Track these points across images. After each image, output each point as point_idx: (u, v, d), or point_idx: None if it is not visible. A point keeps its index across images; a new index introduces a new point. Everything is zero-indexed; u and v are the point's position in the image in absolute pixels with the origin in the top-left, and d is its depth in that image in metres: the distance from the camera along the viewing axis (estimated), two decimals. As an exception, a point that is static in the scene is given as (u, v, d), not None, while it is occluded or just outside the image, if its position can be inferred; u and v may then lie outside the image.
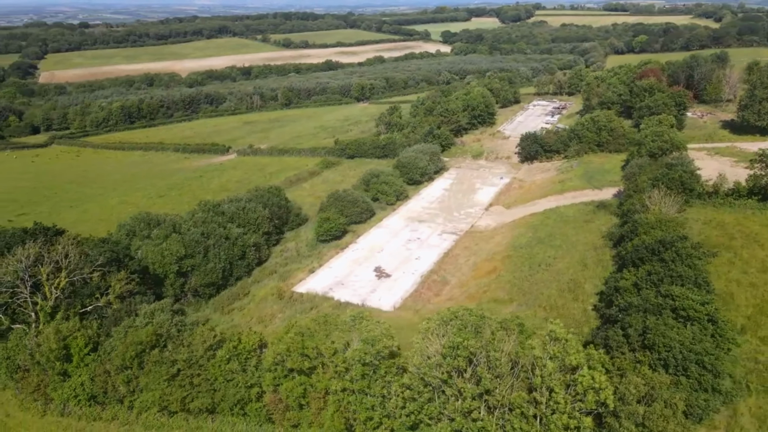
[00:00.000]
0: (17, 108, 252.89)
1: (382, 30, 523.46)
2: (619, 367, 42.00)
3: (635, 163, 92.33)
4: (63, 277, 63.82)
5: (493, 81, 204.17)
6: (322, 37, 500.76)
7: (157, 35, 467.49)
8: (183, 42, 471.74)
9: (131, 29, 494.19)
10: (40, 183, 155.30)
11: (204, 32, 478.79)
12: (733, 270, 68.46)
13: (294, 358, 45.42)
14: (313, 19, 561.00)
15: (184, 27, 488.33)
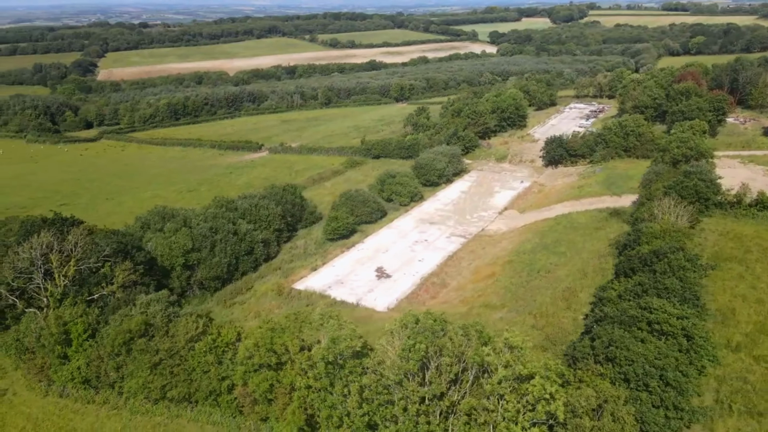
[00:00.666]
0: (74, 104, 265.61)
1: (429, 30, 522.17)
2: (581, 379, 41.16)
3: (653, 169, 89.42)
4: (72, 266, 67.42)
5: (530, 83, 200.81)
6: (368, 37, 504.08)
7: (210, 35, 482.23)
8: (234, 41, 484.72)
9: (186, 29, 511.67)
10: (84, 175, 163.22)
11: (254, 32, 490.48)
12: (741, 284, 65.56)
13: (261, 354, 46.67)
14: (361, 19, 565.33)
15: (235, 27, 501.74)
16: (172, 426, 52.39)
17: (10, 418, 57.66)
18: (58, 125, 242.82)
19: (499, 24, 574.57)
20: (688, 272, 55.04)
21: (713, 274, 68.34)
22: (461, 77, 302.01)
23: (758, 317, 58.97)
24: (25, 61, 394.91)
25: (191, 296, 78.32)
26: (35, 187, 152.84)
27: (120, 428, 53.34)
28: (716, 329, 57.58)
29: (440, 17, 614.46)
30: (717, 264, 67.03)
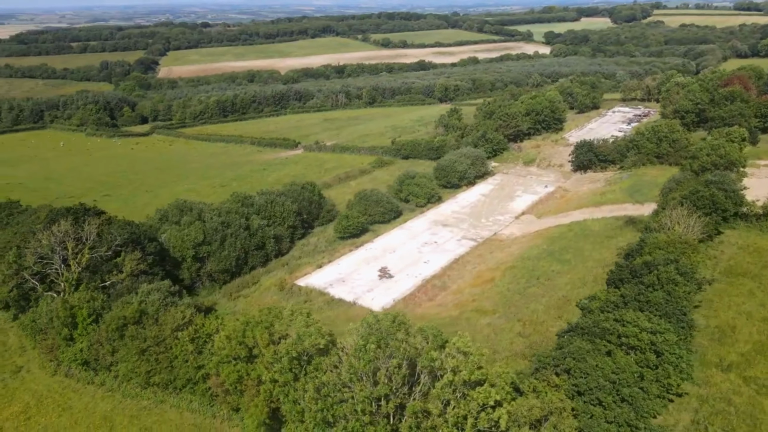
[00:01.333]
0: (132, 100, 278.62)
1: (483, 30, 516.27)
2: (535, 389, 40.52)
3: (674, 177, 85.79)
4: (85, 253, 71.53)
5: (574, 85, 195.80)
6: (421, 37, 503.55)
7: (266, 34, 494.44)
8: (288, 41, 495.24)
9: (244, 29, 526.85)
10: (130, 168, 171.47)
11: (309, 32, 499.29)
12: (749, 301, 62.41)
13: (233, 346, 48.31)
14: (415, 19, 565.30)
15: (291, 27, 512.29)
16: (155, 410, 54.92)
17: (19, 394, 61.75)
18: (116, 120, 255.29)
19: (557, 24, 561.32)
20: (679, 286, 52.84)
21: (721, 289, 65.40)
22: (508, 78, 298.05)
23: (760, 336, 56.03)
24: (94, 58, 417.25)
25: (200, 288, 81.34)
26: (86, 177, 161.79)
27: (110, 409, 56.34)
28: (711, 347, 55.22)
29: (495, 17, 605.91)
30: (717, 279, 63.93)
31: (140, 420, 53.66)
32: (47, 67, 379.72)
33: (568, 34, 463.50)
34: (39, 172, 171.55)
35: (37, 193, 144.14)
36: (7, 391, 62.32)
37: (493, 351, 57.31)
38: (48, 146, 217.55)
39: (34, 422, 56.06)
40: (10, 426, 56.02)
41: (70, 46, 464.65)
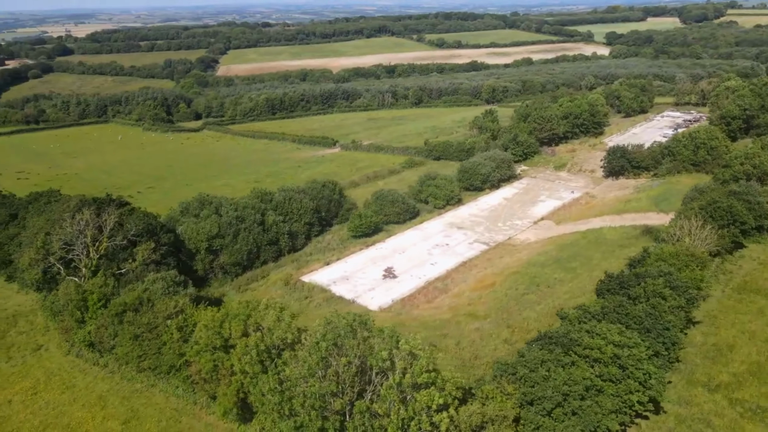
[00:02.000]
0: (189, 96, 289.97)
1: (542, 31, 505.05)
2: (487, 395, 40.18)
3: (698, 186, 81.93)
4: (104, 241, 75.82)
5: (622, 88, 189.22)
6: (476, 37, 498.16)
7: (323, 34, 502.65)
8: (344, 41, 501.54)
9: (301, 28, 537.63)
10: (176, 162, 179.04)
11: (364, 31, 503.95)
12: (757, 320, 59.28)
13: (209, 335, 50.26)
14: (472, 19, 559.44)
15: (347, 26, 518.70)
16: (146, 394, 57.70)
17: (33, 370, 66.13)
18: (172, 115, 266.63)
19: (620, 24, 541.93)
20: (668, 300, 50.74)
21: (729, 305, 62.32)
22: (560, 80, 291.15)
23: (758, 357, 53.18)
24: (160, 56, 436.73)
25: (213, 279, 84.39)
26: (136, 170, 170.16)
27: (107, 389, 59.61)
28: (702, 365, 52.87)
29: (555, 17, 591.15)
30: (728, 294, 60.76)
31: (130, 402, 56.56)
32: (116, 64, 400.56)
33: (631, 34, 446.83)
34: (95, 164, 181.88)
35: (89, 183, 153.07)
36: (24, 367, 66.84)
37: (475, 356, 56.99)
38: (108, 139, 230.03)
39: (39, 397, 59.98)
40: (18, 400, 60.18)
41: (139, 45, 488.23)
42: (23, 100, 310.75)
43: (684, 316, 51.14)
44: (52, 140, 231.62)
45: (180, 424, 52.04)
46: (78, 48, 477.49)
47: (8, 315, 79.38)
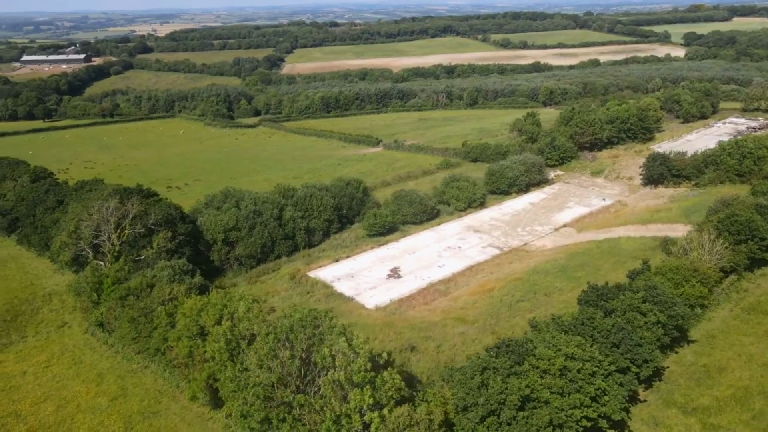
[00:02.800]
0: (250, 94, 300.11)
1: (614, 31, 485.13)
2: (427, 399, 40.10)
3: (725, 198, 77.12)
4: (126, 229, 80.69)
5: (683, 92, 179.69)
6: (544, 37, 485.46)
7: (387, 33, 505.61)
8: (408, 40, 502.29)
9: (366, 28, 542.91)
10: (227, 157, 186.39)
11: (429, 31, 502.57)
12: (759, 343, 55.86)
13: (187, 323, 52.76)
14: (541, 19, 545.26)
15: (412, 26, 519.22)
16: (139, 374, 61.15)
17: (52, 345, 71.21)
18: (232, 112, 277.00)
19: (702, 24, 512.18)
20: (649, 315, 48.45)
21: (734, 326, 58.76)
22: (625, 83, 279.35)
23: (749, 382, 49.98)
24: (230, 55, 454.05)
25: (228, 270, 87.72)
26: (189, 163, 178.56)
27: (107, 367, 63.57)
28: (686, 386, 50.37)
29: (631, 17, 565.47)
30: (736, 314, 57.29)
31: (124, 380, 60.13)
32: (189, 62, 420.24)
33: (712, 35, 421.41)
34: (153, 156, 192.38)
35: (143, 174, 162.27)
36: (46, 342, 72.20)
37: (452, 360, 56.56)
38: (170, 133, 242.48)
39: (49, 371, 64.74)
40: (32, 371, 65.16)
41: (212, 44, 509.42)
42: (102, 95, 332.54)
43: (662, 332, 48.52)
44: (121, 133, 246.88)
45: (159, 404, 54.92)
46: (157, 46, 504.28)
47: (45, 293, 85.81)
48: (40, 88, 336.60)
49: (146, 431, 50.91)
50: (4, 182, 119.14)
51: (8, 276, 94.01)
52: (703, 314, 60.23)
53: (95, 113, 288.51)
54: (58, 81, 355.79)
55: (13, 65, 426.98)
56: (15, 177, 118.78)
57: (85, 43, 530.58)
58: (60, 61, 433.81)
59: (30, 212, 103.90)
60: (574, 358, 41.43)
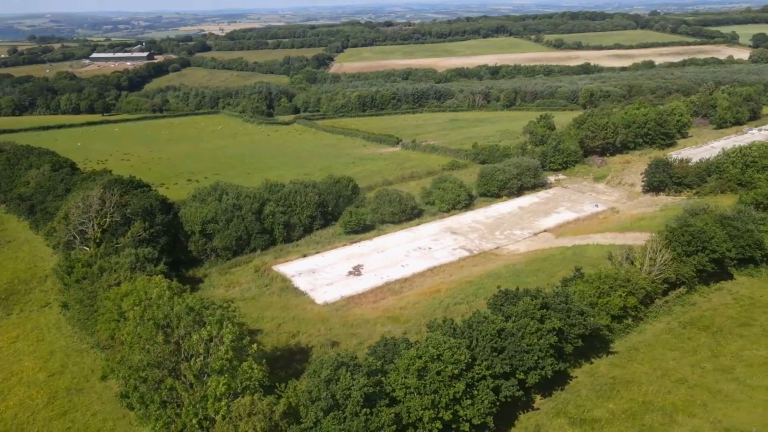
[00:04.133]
0: (292, 92, 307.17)
1: (678, 31, 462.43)
2: (280, 394, 41.13)
3: (692, 208, 73.33)
4: (106, 218, 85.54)
5: (721, 96, 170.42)
6: (601, 37, 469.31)
7: (438, 33, 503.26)
8: (459, 40, 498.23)
9: (417, 28, 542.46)
10: (252, 152, 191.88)
11: (481, 31, 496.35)
12: (683, 358, 53.73)
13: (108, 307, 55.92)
14: (600, 18, 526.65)
15: (464, 26, 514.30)
16: (84, 353, 64.77)
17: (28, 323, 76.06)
18: (272, 109, 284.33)
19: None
20: (546, 322, 47.30)
21: (663, 340, 56.51)
22: (675, 86, 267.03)
23: (652, 397, 48.15)
24: (283, 53, 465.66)
25: (206, 260, 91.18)
26: (216, 158, 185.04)
27: (62, 345, 67.63)
28: (587, 397, 49.05)
29: (698, 17, 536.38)
30: (673, 329, 55.10)
31: (68, 359, 64.13)
32: (242, 60, 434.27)
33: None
34: (187, 150, 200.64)
35: (170, 167, 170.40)
36: (25, 320, 77.48)
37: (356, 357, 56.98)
38: (210, 129, 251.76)
39: (14, 346, 69.55)
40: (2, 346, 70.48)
41: (267, 43, 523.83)
42: (157, 91, 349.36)
43: (555, 339, 46.97)
44: (166, 128, 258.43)
45: (87, 383, 58.36)
46: (215, 45, 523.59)
47: (43, 275, 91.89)
48: (102, 84, 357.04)
49: (65, 406, 54.33)
50: (29, 170, 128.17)
51: (18, 257, 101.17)
52: (635, 326, 57.95)
53: (146, 108, 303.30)
54: (119, 77, 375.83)
55: (82, 62, 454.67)
56: (39, 166, 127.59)
57: (151, 42, 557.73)
58: (125, 59, 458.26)
59: (43, 199, 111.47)
60: (440, 360, 41.19)
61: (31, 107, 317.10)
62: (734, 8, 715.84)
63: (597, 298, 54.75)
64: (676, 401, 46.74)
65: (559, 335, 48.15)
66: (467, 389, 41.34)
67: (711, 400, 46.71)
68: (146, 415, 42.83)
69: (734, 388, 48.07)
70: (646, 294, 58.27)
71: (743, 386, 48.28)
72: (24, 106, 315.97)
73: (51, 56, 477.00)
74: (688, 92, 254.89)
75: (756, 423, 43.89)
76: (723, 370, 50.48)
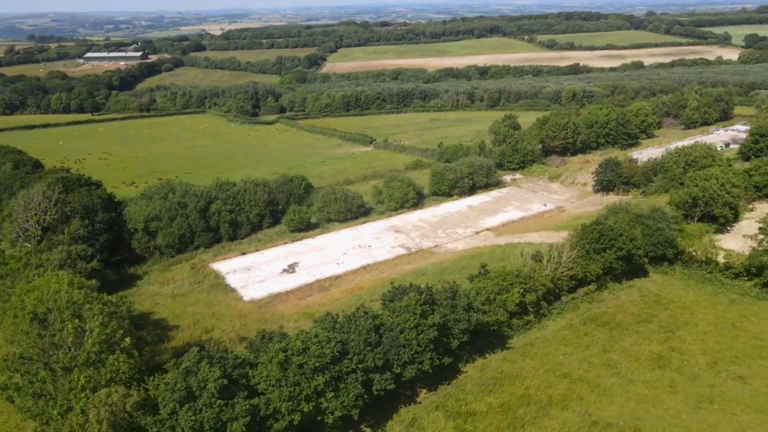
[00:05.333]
0: (279, 91, 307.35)
1: (671, 32, 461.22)
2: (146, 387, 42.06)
3: (615, 206, 73.82)
4: (48, 215, 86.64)
5: (691, 97, 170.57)
6: (594, 38, 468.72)
7: (432, 33, 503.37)
8: (453, 40, 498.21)
9: (411, 28, 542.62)
10: (227, 151, 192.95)
11: (475, 31, 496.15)
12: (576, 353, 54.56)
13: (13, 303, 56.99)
14: (595, 19, 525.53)
15: (458, 26, 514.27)
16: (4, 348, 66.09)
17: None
18: (258, 108, 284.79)
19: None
20: (429, 318, 47.99)
21: (560, 336, 57.31)
22: (659, 86, 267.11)
23: (532, 391, 49.48)
24: (276, 53, 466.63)
25: (149, 258, 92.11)
26: (191, 157, 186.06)
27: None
28: (470, 391, 49.54)
29: (692, 17, 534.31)
30: (574, 324, 55.75)
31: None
32: (234, 60, 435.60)
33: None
34: (165, 150, 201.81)
35: (144, 166, 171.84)
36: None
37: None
38: (193, 128, 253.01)
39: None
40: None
41: (261, 43, 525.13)
42: (147, 90, 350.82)
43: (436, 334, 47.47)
44: (151, 127, 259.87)
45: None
46: (209, 45, 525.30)
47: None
48: (93, 83, 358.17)
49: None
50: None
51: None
52: (536, 322, 58.56)
53: (134, 108, 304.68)
54: (111, 77, 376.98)
55: (76, 62, 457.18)
56: (2, 164, 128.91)
57: (147, 42, 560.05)
58: (119, 58, 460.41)
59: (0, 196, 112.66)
60: (306, 353, 41.97)
61: (22, 106, 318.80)
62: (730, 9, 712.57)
63: (496, 295, 55.35)
64: (554, 395, 47.35)
65: (443, 330, 48.86)
66: (332, 382, 42.10)
67: (588, 394, 47.30)
68: (23, 408, 43.78)
69: (614, 382, 48.66)
70: (548, 291, 58.84)
71: (623, 380, 48.84)
72: (15, 105, 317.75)
73: (46, 56, 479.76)
74: (671, 92, 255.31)
75: (626, 416, 44.45)
76: (609, 365, 51.03)
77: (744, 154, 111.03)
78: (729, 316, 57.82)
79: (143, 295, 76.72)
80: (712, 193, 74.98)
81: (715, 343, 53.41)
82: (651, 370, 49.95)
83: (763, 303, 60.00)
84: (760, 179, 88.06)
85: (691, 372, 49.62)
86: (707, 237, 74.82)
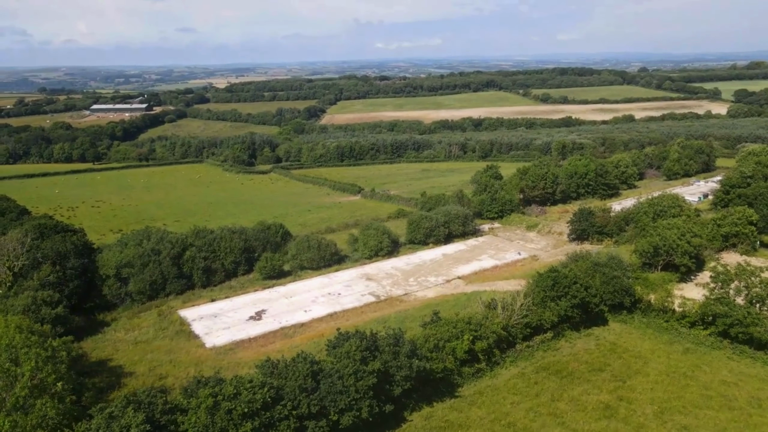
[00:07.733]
0: (275, 141, 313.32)
1: (662, 87, 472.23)
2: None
3: (577, 254, 74.25)
4: (20, 261, 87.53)
5: (672, 149, 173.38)
6: (587, 92, 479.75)
7: (429, 87, 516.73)
8: (450, 94, 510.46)
9: (409, 82, 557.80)
10: (219, 199, 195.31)
11: (471, 85, 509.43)
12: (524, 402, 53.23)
13: None
14: (588, 74, 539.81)
15: (455, 80, 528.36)
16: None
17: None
18: (254, 159, 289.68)
19: (761, 81, 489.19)
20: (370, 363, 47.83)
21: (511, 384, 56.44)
22: (647, 139, 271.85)
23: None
24: (277, 105, 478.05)
25: (120, 305, 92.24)
26: (182, 205, 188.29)
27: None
28: None
29: (682, 74, 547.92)
30: (526, 373, 55.24)
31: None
32: (236, 111, 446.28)
33: (764, 92, 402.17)
34: (157, 198, 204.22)
35: (134, 214, 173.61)
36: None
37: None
38: (188, 177, 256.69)
39: None
40: None
41: (263, 95, 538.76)
42: (147, 140, 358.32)
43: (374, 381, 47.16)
44: (148, 176, 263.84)
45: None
46: (213, 97, 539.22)
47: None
48: (96, 133, 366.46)
49: None
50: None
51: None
52: (489, 370, 58.08)
53: (133, 157, 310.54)
54: (114, 127, 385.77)
55: (82, 113, 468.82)
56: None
57: (152, 94, 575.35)
58: (124, 110, 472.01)
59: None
60: (237, 398, 41.79)
61: (25, 156, 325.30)
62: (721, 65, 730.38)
63: (446, 342, 55.21)
64: (496, 446, 46.64)
65: (385, 377, 48.58)
66: (262, 429, 41.70)
67: (529, 445, 46.54)
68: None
69: (557, 433, 47.93)
70: (501, 338, 58.61)
71: (567, 430, 48.06)
72: (18, 154, 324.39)
73: (54, 107, 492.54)
74: (659, 144, 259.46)
75: (564, 468, 43.63)
76: (555, 414, 50.31)
77: (716, 205, 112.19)
78: (681, 365, 57.33)
79: (106, 342, 76.58)
80: (672, 242, 75.56)
81: (664, 393, 52.78)
82: (596, 420, 49.22)
83: (717, 352, 59.55)
84: (728, 229, 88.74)
85: (636, 422, 48.88)
86: (669, 286, 74.84)
